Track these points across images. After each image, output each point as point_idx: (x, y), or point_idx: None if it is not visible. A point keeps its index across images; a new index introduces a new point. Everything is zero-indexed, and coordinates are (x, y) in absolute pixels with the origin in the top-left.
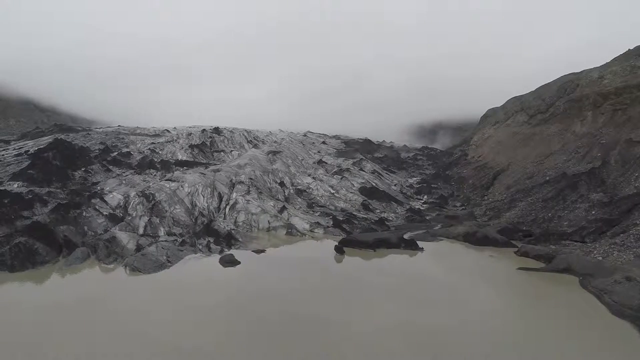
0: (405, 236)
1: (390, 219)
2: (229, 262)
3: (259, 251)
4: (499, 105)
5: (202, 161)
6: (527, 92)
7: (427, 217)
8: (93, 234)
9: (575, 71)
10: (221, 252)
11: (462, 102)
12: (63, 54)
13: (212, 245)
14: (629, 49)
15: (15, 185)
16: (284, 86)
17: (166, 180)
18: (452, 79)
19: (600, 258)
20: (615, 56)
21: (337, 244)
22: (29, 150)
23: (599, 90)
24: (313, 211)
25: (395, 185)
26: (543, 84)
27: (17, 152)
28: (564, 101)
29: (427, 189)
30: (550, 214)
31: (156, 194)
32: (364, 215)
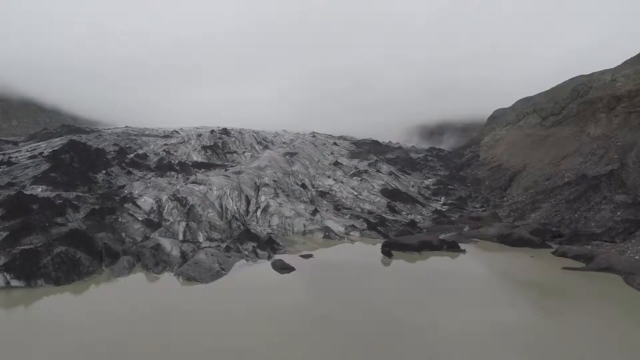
0: (440, 238)
1: (418, 220)
2: (284, 268)
3: (306, 256)
4: (505, 106)
5: (217, 162)
6: (536, 93)
7: (452, 219)
8: (131, 240)
9: (585, 73)
10: (269, 257)
11: (467, 103)
12: (64, 54)
13: (259, 251)
14: None
15: (39, 189)
16: (285, 87)
17: (192, 183)
18: (459, 79)
19: (638, 257)
20: (626, 59)
21: (381, 246)
22: (43, 152)
23: (612, 93)
24: (341, 214)
25: (412, 186)
26: (551, 85)
27: (30, 154)
28: (577, 103)
29: (443, 190)
30: (576, 215)
31: (188, 198)
32: (392, 217)
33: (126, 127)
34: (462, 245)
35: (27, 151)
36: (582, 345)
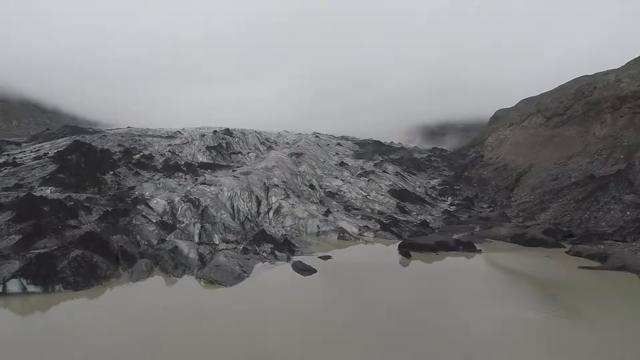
0: (454, 238)
1: (429, 220)
2: (305, 269)
3: (325, 257)
4: (506, 106)
5: (223, 163)
6: (538, 93)
7: (461, 219)
8: (146, 243)
9: (586, 73)
10: (288, 259)
11: (468, 103)
12: (64, 54)
13: (277, 253)
14: None
15: (48, 191)
16: (285, 87)
17: (203, 184)
18: (459, 79)
19: None
20: (630, 60)
21: (398, 247)
22: (48, 153)
23: (617, 94)
24: (352, 214)
25: (419, 187)
26: (552, 85)
27: (35, 155)
28: (582, 104)
29: (450, 190)
30: (586, 215)
31: (200, 199)
32: (403, 218)
33: (128, 127)
34: (476, 245)
35: (32, 152)
36: (617, 344)
